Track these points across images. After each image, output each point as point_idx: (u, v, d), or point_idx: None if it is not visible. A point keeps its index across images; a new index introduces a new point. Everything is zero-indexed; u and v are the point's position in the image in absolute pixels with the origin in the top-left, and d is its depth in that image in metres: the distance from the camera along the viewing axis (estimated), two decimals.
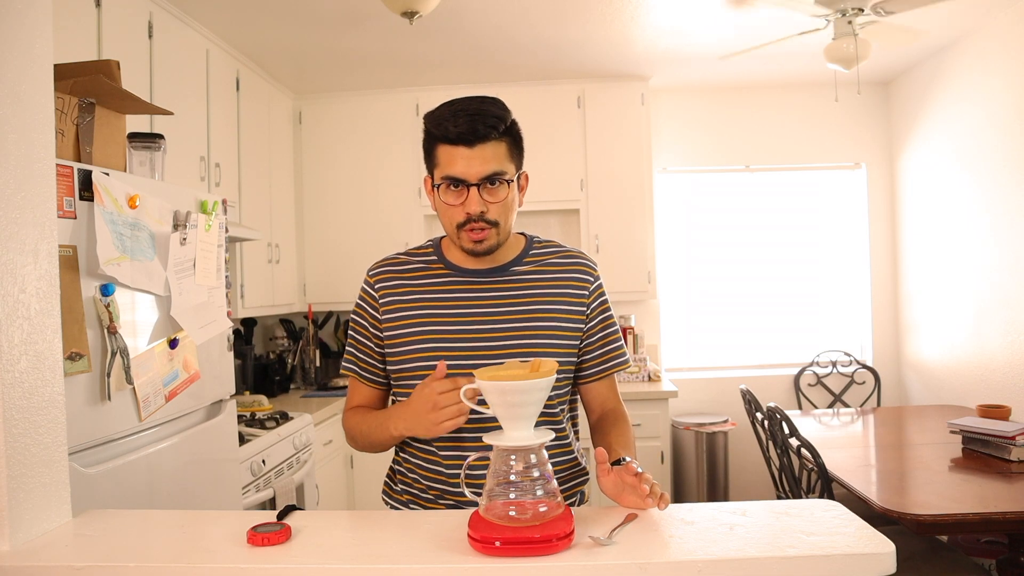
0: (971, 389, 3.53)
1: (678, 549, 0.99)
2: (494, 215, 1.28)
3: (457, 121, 1.23)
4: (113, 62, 1.70)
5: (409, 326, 1.35)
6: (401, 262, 1.43)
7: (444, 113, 1.25)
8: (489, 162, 1.25)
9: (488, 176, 1.25)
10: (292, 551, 1.03)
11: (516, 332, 1.32)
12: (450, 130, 1.23)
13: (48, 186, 1.22)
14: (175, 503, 1.76)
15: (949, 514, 2.00)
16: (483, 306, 1.34)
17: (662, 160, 4.29)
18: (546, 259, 1.41)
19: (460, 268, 1.38)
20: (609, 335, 1.41)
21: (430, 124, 1.28)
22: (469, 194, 1.26)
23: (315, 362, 4.01)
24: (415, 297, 1.37)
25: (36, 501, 1.15)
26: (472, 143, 1.23)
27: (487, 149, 1.24)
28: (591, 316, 1.39)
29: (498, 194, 1.27)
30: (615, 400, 1.44)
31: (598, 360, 1.41)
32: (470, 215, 1.26)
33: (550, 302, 1.35)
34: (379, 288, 1.40)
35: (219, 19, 2.95)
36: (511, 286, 1.36)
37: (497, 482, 1.04)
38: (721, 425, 3.91)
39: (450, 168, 1.25)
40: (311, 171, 4.05)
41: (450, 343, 1.31)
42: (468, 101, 1.26)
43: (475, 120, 1.23)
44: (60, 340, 1.23)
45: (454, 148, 1.24)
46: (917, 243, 4.04)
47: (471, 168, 1.24)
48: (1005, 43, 3.20)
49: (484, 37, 3.31)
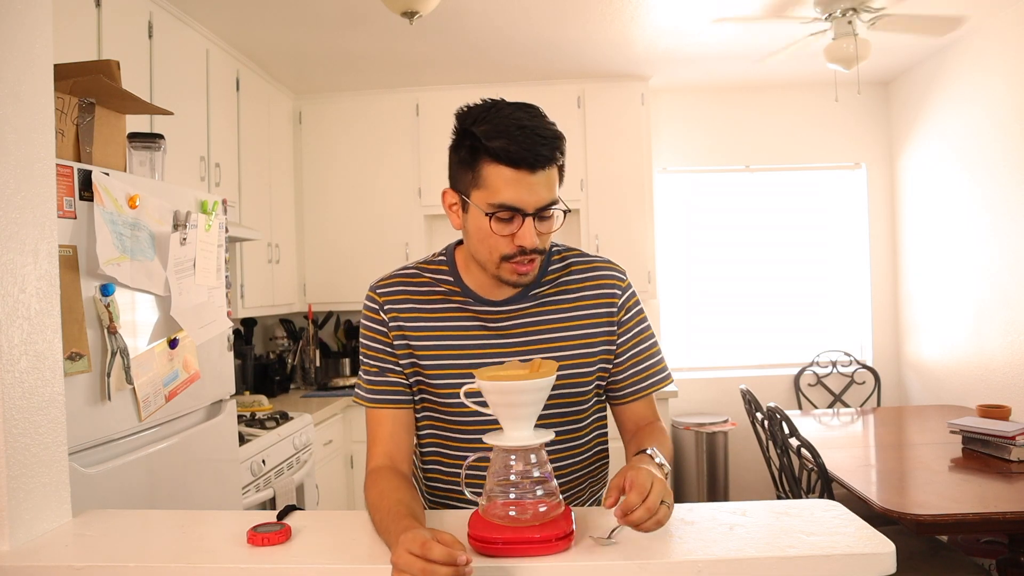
0: (971, 389, 3.52)
1: (678, 549, 0.99)
2: (544, 245, 1.14)
3: (522, 140, 1.05)
4: (113, 62, 1.70)
5: (422, 358, 1.23)
6: (411, 278, 1.27)
7: (501, 126, 1.06)
8: (550, 189, 1.09)
9: (546, 206, 1.10)
10: (292, 551, 1.03)
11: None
12: (511, 149, 1.05)
13: (48, 186, 1.22)
14: (175, 503, 1.77)
15: (949, 514, 2.00)
16: (502, 339, 1.22)
17: (662, 160, 4.29)
18: (567, 275, 1.26)
19: (479, 297, 1.23)
20: (644, 351, 1.27)
21: (483, 136, 1.07)
22: (524, 225, 1.09)
23: (315, 362, 4.01)
24: (428, 325, 1.23)
25: (36, 501, 1.15)
26: (535, 168, 1.07)
27: (549, 175, 1.09)
28: (622, 332, 1.25)
29: (551, 224, 1.13)
30: (653, 416, 1.30)
31: (632, 380, 1.27)
32: (523, 248, 1.11)
33: (575, 327, 1.23)
34: (388, 310, 1.25)
35: (219, 19, 2.95)
36: (532, 314, 1.23)
37: (497, 482, 1.04)
38: (721, 425, 3.91)
39: (505, 194, 1.08)
40: (311, 171, 4.05)
41: (467, 380, 1.15)
42: (528, 114, 1.09)
43: (539, 140, 1.06)
44: (60, 340, 1.23)
45: (513, 172, 1.07)
46: (917, 243, 4.04)
47: (532, 196, 1.08)
48: (1005, 43, 3.19)
49: (484, 37, 3.31)
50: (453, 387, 1.21)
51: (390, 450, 1.22)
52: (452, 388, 1.21)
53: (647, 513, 0.95)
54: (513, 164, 1.07)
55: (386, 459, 1.21)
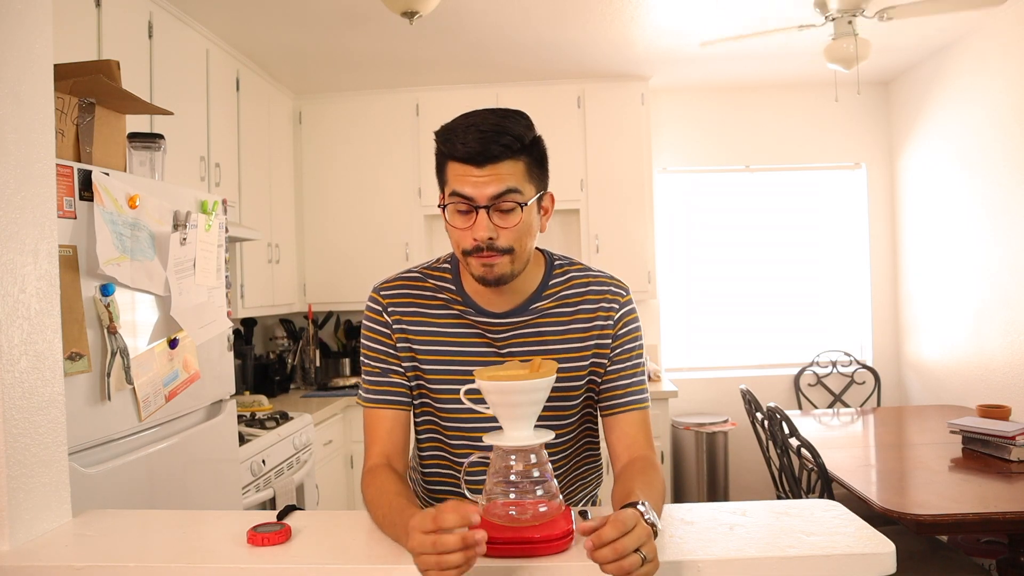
0: (971, 389, 3.52)
1: (678, 549, 0.99)
2: (505, 242, 1.14)
3: (467, 138, 1.11)
4: (113, 62, 1.70)
5: (424, 362, 1.26)
6: (415, 282, 1.29)
7: (456, 128, 1.13)
8: (502, 181, 1.12)
9: (499, 195, 1.12)
10: (292, 551, 1.03)
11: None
12: (458, 148, 1.11)
13: (48, 186, 1.22)
14: (175, 503, 1.77)
15: (949, 514, 2.00)
16: (501, 349, 1.24)
17: (662, 160, 4.29)
18: (566, 289, 1.27)
19: (478, 307, 1.25)
20: (631, 367, 1.26)
21: (439, 139, 1.16)
22: (477, 217, 1.13)
23: (315, 362, 4.01)
24: (430, 329, 1.26)
25: (36, 501, 1.15)
26: (481, 163, 1.11)
27: (500, 168, 1.12)
28: (614, 346, 1.25)
29: (510, 219, 1.13)
30: (645, 446, 1.22)
31: (615, 392, 1.26)
32: (478, 241, 1.13)
33: (568, 339, 1.24)
34: (392, 312, 1.27)
35: (219, 19, 2.95)
36: (529, 325, 1.24)
37: (497, 482, 1.04)
38: (721, 425, 3.91)
39: (455, 185, 1.13)
40: (311, 171, 4.05)
41: (462, 385, 1.15)
42: (485, 115, 1.14)
43: (487, 138, 1.10)
44: (60, 340, 1.23)
45: (463, 166, 1.12)
46: (917, 243, 4.04)
47: (480, 189, 1.12)
48: (1005, 43, 3.19)
49: (484, 37, 3.31)
50: (452, 392, 1.22)
51: (387, 450, 1.24)
52: (451, 394, 1.22)
53: (612, 554, 0.84)
54: (460, 159, 1.13)
55: (383, 458, 1.23)
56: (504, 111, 1.16)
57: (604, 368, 1.26)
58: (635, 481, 1.10)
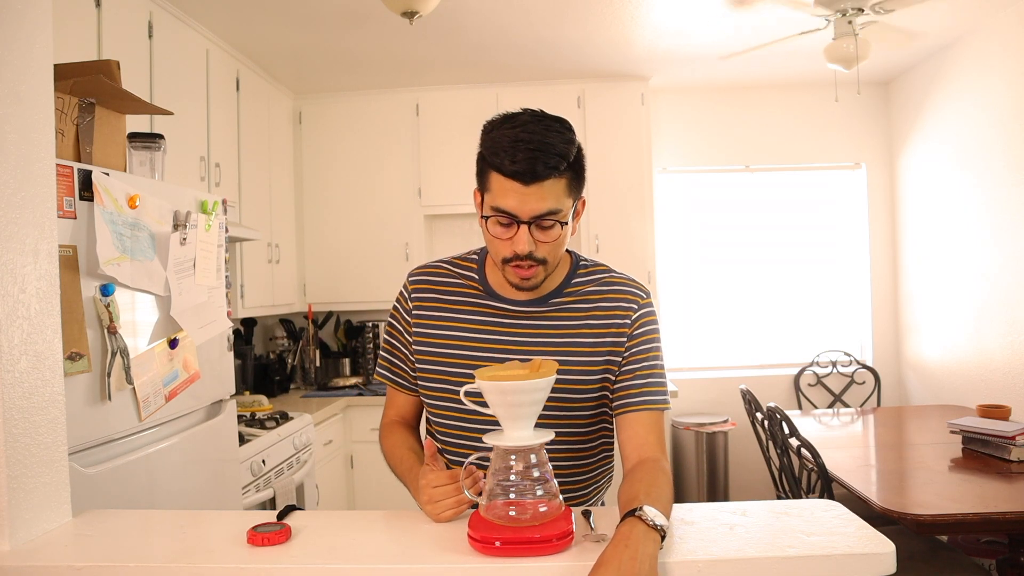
0: (971, 389, 3.52)
1: (678, 549, 0.99)
2: (543, 254, 1.18)
3: (516, 156, 1.11)
4: (113, 62, 1.70)
5: (436, 346, 1.30)
6: (443, 272, 1.36)
7: (503, 141, 1.13)
8: (545, 200, 1.14)
9: (542, 215, 1.14)
10: (292, 551, 1.03)
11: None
12: (505, 165, 1.12)
13: (48, 186, 1.22)
14: (175, 503, 1.76)
15: (949, 514, 2.00)
16: (514, 337, 1.27)
17: (662, 160, 4.29)
18: (589, 287, 1.30)
19: (499, 296, 1.29)
20: (648, 368, 1.25)
21: (486, 149, 1.17)
22: (519, 232, 1.16)
23: (315, 362, 4.02)
24: (447, 316, 1.31)
25: (36, 501, 1.15)
26: (528, 182, 1.12)
27: (544, 187, 1.13)
28: (629, 346, 1.26)
29: (550, 234, 1.17)
30: (656, 448, 1.20)
31: (629, 391, 1.24)
32: (517, 254, 1.17)
33: (585, 335, 1.26)
34: (415, 298, 1.34)
35: (219, 19, 2.95)
36: (547, 318, 1.27)
37: (497, 482, 1.04)
38: (721, 425, 3.91)
39: (501, 201, 1.15)
40: (311, 171, 4.05)
41: (467, 374, 1.20)
42: (531, 127, 1.13)
43: (535, 158, 1.11)
44: (60, 340, 1.23)
45: (508, 181, 1.14)
46: (917, 243, 4.04)
47: (524, 205, 1.14)
48: (1005, 43, 3.19)
49: (484, 37, 3.31)
50: (467, 376, 1.20)
51: (402, 412, 1.42)
52: (461, 379, 1.21)
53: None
54: (508, 176, 1.14)
55: (397, 417, 1.42)
56: (548, 121, 1.16)
57: (618, 367, 1.26)
58: (640, 480, 1.10)
